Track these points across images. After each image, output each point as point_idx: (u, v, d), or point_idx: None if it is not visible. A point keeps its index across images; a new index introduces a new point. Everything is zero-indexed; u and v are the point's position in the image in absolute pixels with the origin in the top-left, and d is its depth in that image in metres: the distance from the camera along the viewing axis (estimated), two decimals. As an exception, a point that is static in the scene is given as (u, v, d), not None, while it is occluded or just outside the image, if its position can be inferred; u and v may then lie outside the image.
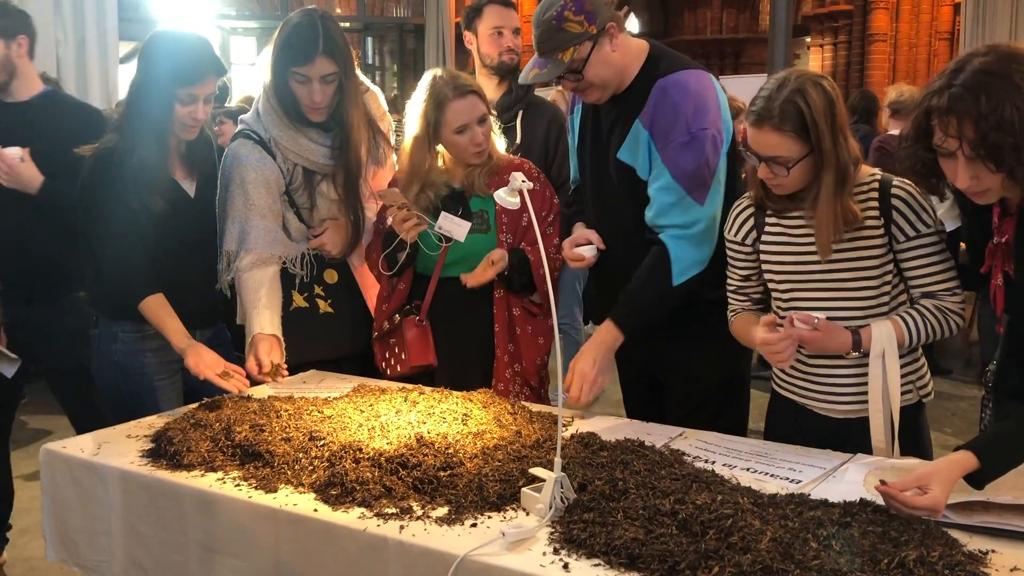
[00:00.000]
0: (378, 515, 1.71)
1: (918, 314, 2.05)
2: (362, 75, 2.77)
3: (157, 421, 2.30)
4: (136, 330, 2.60)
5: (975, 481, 1.67)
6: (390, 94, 11.00)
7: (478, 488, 1.76)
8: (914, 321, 2.04)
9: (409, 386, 2.49)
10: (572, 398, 2.29)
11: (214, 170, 2.72)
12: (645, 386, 2.66)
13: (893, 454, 2.04)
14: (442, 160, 2.70)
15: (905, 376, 2.08)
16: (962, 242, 2.07)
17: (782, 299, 2.18)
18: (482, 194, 2.66)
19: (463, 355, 2.68)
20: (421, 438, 1.96)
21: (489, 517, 1.70)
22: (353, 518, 1.71)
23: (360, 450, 1.91)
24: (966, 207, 1.92)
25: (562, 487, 1.68)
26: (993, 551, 1.51)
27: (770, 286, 2.22)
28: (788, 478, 1.87)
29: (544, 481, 1.68)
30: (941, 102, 1.65)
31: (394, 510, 1.72)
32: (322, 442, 1.99)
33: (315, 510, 1.75)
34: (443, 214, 2.61)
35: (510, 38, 3.25)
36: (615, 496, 1.67)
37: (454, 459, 1.87)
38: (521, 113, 3.20)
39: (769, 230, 2.17)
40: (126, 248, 2.50)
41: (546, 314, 2.68)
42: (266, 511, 1.79)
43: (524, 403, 2.36)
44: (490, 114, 2.66)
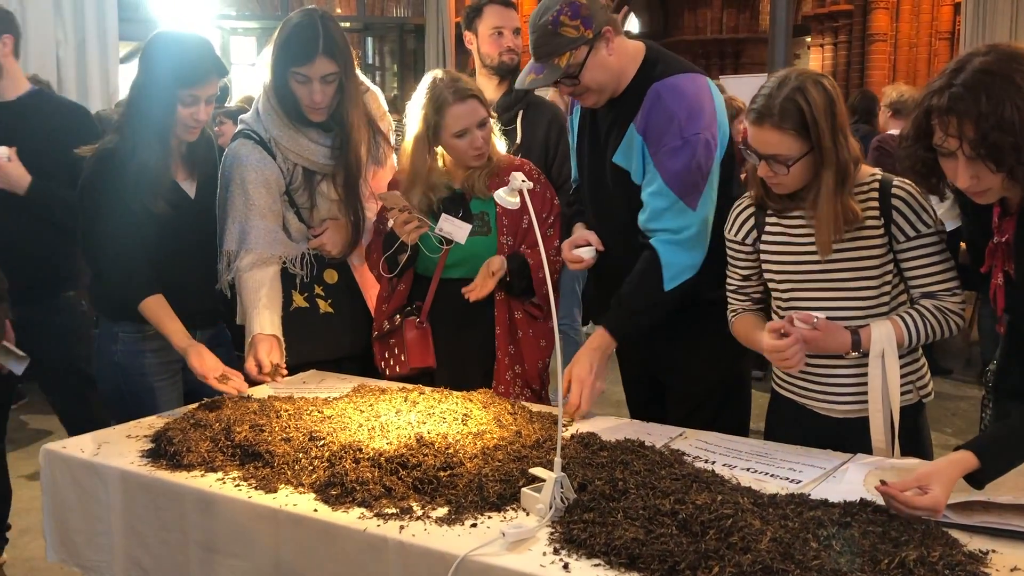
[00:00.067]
0: (378, 515, 1.71)
1: (918, 314, 2.05)
2: (362, 75, 2.76)
3: (157, 421, 2.30)
4: (136, 330, 2.59)
5: (975, 481, 1.67)
6: (390, 94, 11.00)
7: (478, 488, 1.76)
8: (914, 321, 2.04)
9: (409, 386, 2.49)
10: (572, 404, 2.28)
11: (215, 171, 2.72)
12: (646, 386, 2.66)
13: (893, 454, 2.04)
14: (442, 161, 2.70)
15: (905, 376, 2.08)
16: (962, 242, 2.07)
17: (782, 299, 2.18)
18: (482, 196, 2.65)
19: (463, 357, 2.68)
20: (421, 438, 1.95)
21: (489, 517, 1.70)
22: (353, 518, 1.71)
23: (360, 450, 1.91)
24: (966, 207, 1.92)
25: (562, 487, 1.68)
26: (993, 551, 1.51)
27: (770, 286, 2.22)
28: (788, 478, 1.87)
29: (544, 481, 1.68)
30: (941, 102, 1.65)
31: (394, 510, 1.72)
32: (322, 442, 1.98)
33: (315, 510, 1.75)
34: (444, 216, 2.61)
35: (510, 38, 3.25)
36: (615, 496, 1.67)
37: (454, 459, 1.86)
38: (521, 113, 3.20)
39: (769, 230, 2.17)
40: (126, 249, 2.49)
41: (547, 316, 2.68)
42: (266, 511, 1.79)
43: (524, 403, 2.35)
44: (490, 117, 2.66)
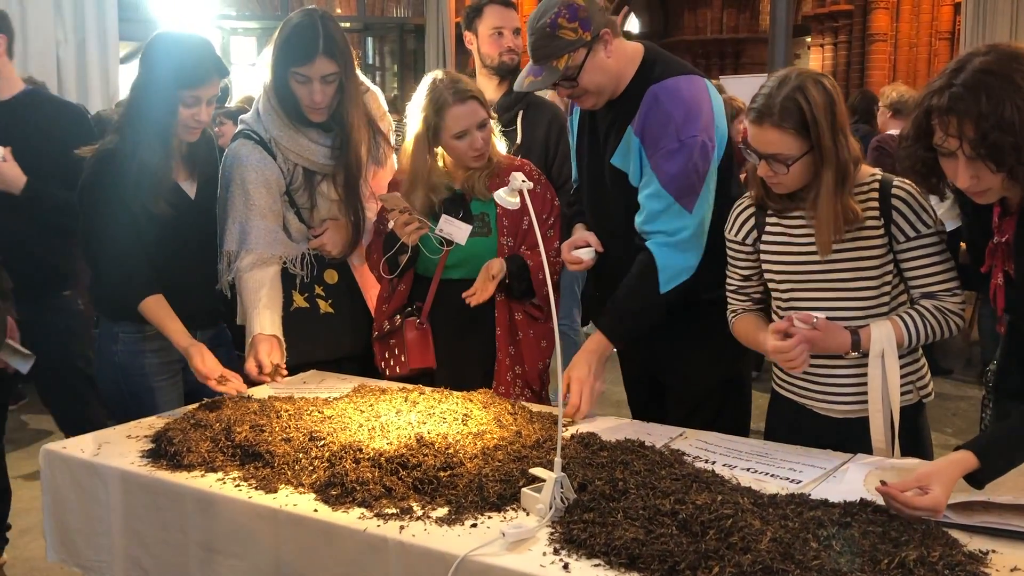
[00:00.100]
0: (378, 515, 1.71)
1: (918, 315, 2.04)
2: (362, 75, 2.76)
3: (157, 421, 2.30)
4: (137, 331, 2.59)
5: (975, 481, 1.67)
6: (390, 94, 11.01)
7: (478, 488, 1.76)
8: (914, 321, 2.04)
9: (409, 386, 2.49)
10: (572, 405, 2.28)
11: (215, 171, 2.72)
12: (646, 386, 2.66)
13: (893, 454, 2.04)
14: (442, 162, 2.70)
15: (905, 376, 2.08)
16: (962, 242, 2.07)
17: (782, 299, 2.18)
18: (483, 197, 2.65)
19: (463, 357, 2.68)
20: (421, 438, 1.95)
21: (489, 517, 1.70)
22: (353, 518, 1.71)
23: (360, 450, 1.91)
24: (966, 207, 1.92)
25: (562, 487, 1.68)
26: (993, 551, 1.51)
27: (770, 286, 2.21)
28: (788, 478, 1.87)
29: (544, 481, 1.68)
30: (941, 101, 1.65)
31: (394, 510, 1.72)
32: (322, 442, 1.98)
33: (315, 510, 1.75)
34: (444, 217, 2.61)
35: (510, 38, 3.25)
36: (615, 496, 1.67)
37: (454, 459, 1.86)
38: (521, 113, 3.20)
39: (770, 230, 2.17)
40: (126, 249, 2.49)
41: (547, 317, 2.68)
42: (266, 511, 1.79)
43: (524, 403, 2.35)
44: (490, 118, 2.66)
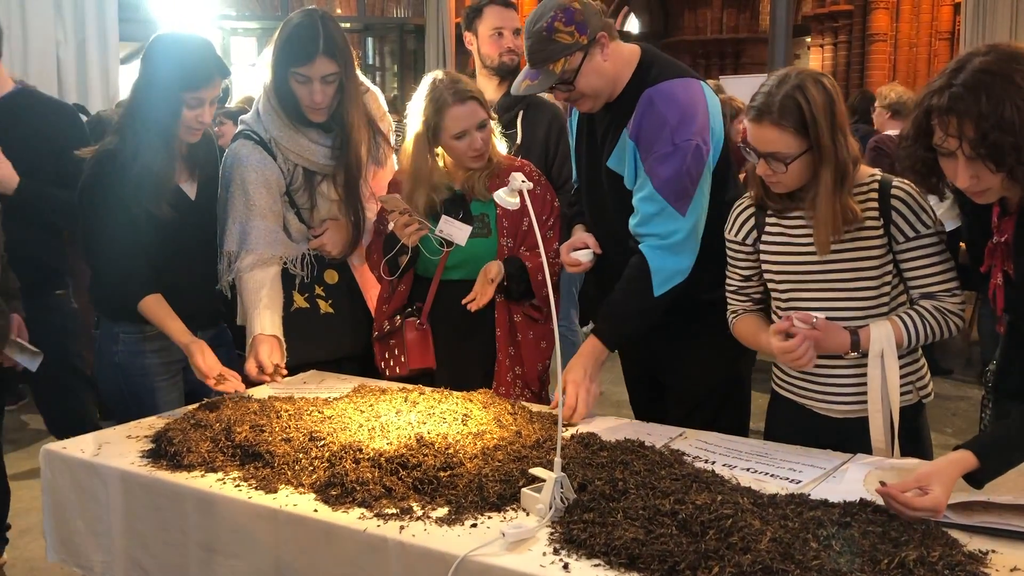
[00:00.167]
0: (378, 515, 1.71)
1: (917, 315, 2.04)
2: (362, 75, 2.76)
3: (157, 422, 2.30)
4: (137, 331, 2.60)
5: (974, 480, 1.67)
6: (390, 94, 11.01)
7: (478, 488, 1.76)
8: (913, 322, 2.04)
9: (409, 386, 2.49)
10: (568, 406, 2.27)
11: (216, 171, 2.72)
12: (647, 386, 2.67)
13: (893, 454, 2.04)
14: (443, 161, 2.70)
15: (905, 377, 2.08)
16: (962, 242, 2.07)
17: (781, 299, 2.18)
18: (483, 198, 2.65)
19: (463, 358, 2.68)
20: (421, 438, 1.95)
21: (489, 517, 1.70)
22: (353, 518, 1.71)
23: (360, 450, 1.91)
24: (966, 206, 1.92)
25: (562, 487, 1.68)
26: (993, 551, 1.51)
27: (770, 286, 2.21)
28: (788, 478, 1.87)
29: (544, 481, 1.68)
30: (941, 101, 1.65)
31: (394, 510, 1.72)
32: (322, 442, 1.99)
33: (315, 510, 1.75)
34: (444, 218, 2.61)
35: (510, 39, 3.25)
36: (615, 496, 1.67)
37: (454, 459, 1.86)
38: (521, 113, 3.19)
39: (769, 230, 2.17)
40: (125, 250, 2.49)
41: (547, 318, 2.68)
42: (266, 511, 1.79)
43: (524, 403, 2.35)
44: (491, 118, 2.66)
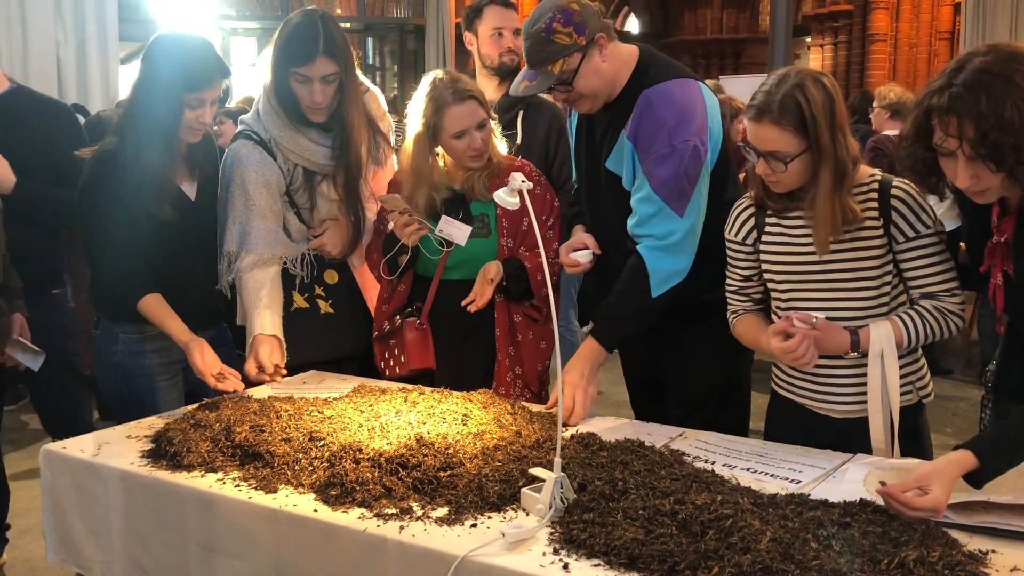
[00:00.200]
0: (378, 515, 1.71)
1: (917, 315, 2.04)
2: (362, 75, 2.76)
3: (157, 422, 2.30)
4: (137, 331, 2.59)
5: (974, 480, 1.67)
6: (390, 94, 11.02)
7: (478, 488, 1.76)
8: (913, 322, 2.04)
9: (409, 386, 2.49)
10: (566, 407, 2.27)
11: (215, 171, 2.72)
12: (647, 386, 2.67)
13: (893, 454, 2.04)
14: (443, 161, 2.70)
15: (905, 377, 2.08)
16: (962, 242, 2.07)
17: (781, 299, 2.18)
18: (483, 198, 2.65)
19: (463, 358, 2.68)
20: (421, 438, 1.95)
21: (489, 517, 1.70)
22: (353, 518, 1.71)
23: (360, 450, 1.91)
24: (965, 206, 1.92)
25: (562, 487, 1.68)
26: (993, 551, 1.51)
27: (769, 286, 2.21)
28: (788, 478, 1.87)
29: (544, 481, 1.68)
30: (941, 101, 1.65)
31: (394, 510, 1.72)
32: (322, 442, 1.99)
33: (315, 510, 1.75)
34: (444, 218, 2.61)
35: (510, 39, 3.24)
36: (615, 496, 1.67)
37: (454, 459, 1.86)
38: (521, 113, 3.19)
39: (769, 230, 2.17)
40: (124, 251, 2.49)
41: (547, 319, 2.68)
42: (266, 511, 1.79)
43: (524, 403, 2.35)
44: (491, 118, 2.65)
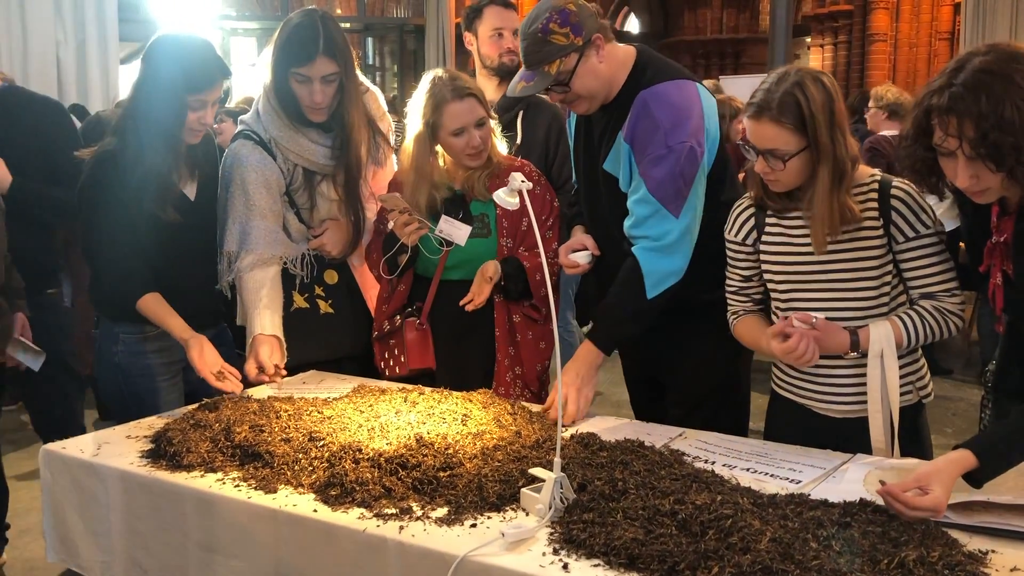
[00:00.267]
0: (378, 515, 1.71)
1: (917, 315, 2.04)
2: (362, 75, 2.76)
3: (157, 422, 2.30)
4: (137, 331, 2.59)
5: (973, 480, 1.67)
6: (390, 94, 11.01)
7: (478, 488, 1.76)
8: (913, 322, 2.04)
9: (409, 386, 2.49)
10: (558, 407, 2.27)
11: (215, 171, 2.71)
12: (647, 386, 2.67)
13: (893, 454, 2.04)
14: (443, 161, 2.69)
15: (904, 377, 2.08)
16: (962, 242, 2.07)
17: (781, 299, 2.18)
18: (482, 198, 2.65)
19: (463, 358, 2.68)
20: (421, 438, 1.95)
21: (489, 517, 1.70)
22: (353, 518, 1.71)
23: (360, 451, 1.91)
24: (965, 206, 1.92)
25: (562, 487, 1.68)
26: (993, 551, 1.51)
27: (769, 286, 2.21)
28: (788, 478, 1.87)
29: (544, 481, 1.68)
30: (941, 101, 1.65)
31: (394, 510, 1.72)
32: (322, 442, 1.98)
33: (315, 510, 1.75)
34: (444, 218, 2.61)
35: (510, 39, 3.24)
36: (615, 496, 1.67)
37: (454, 459, 1.86)
38: (521, 114, 3.19)
39: (769, 230, 2.17)
40: (124, 251, 2.48)
41: (546, 319, 2.68)
42: (266, 511, 1.79)
43: (524, 403, 2.35)
44: (490, 117, 2.65)
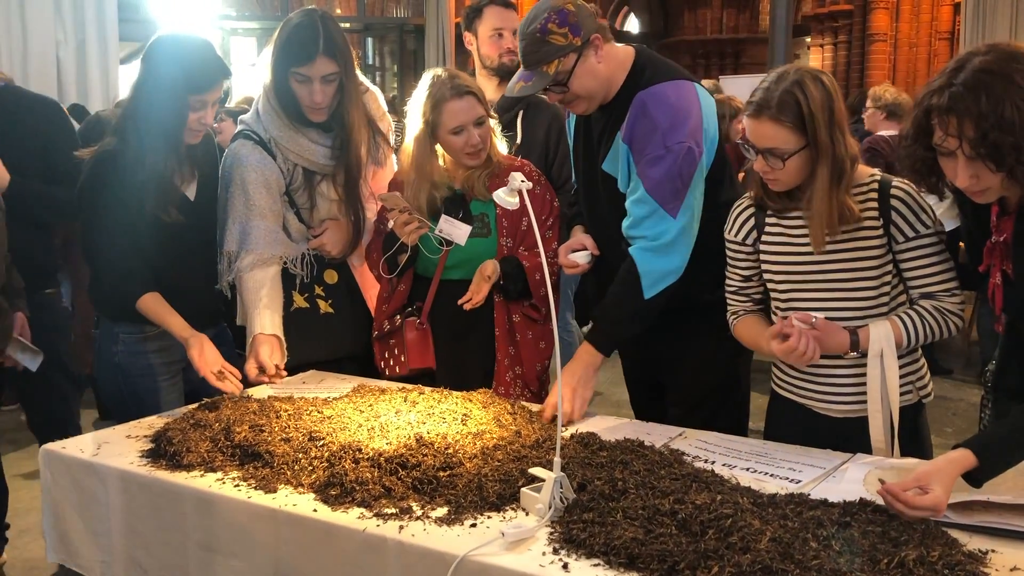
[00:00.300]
0: (378, 515, 1.71)
1: (917, 315, 2.04)
2: (362, 75, 2.76)
3: (157, 421, 2.30)
4: (137, 331, 2.59)
5: (973, 479, 1.67)
6: (390, 94, 11.01)
7: (478, 488, 1.76)
8: (912, 322, 2.04)
9: (409, 386, 2.49)
10: (555, 408, 2.27)
11: (215, 170, 2.71)
12: (647, 386, 2.67)
13: (893, 454, 2.04)
14: (443, 160, 2.69)
15: (904, 376, 2.08)
16: (962, 242, 2.07)
17: (781, 299, 2.18)
18: (482, 197, 2.65)
19: (463, 358, 2.68)
20: (420, 438, 1.95)
21: (489, 517, 1.70)
22: (353, 518, 1.71)
23: (360, 450, 1.91)
24: (965, 206, 1.92)
25: (561, 487, 1.68)
26: (993, 551, 1.51)
27: (769, 286, 2.21)
28: (788, 478, 1.87)
29: (544, 481, 1.68)
30: (941, 101, 1.65)
31: (394, 510, 1.72)
32: (322, 442, 1.99)
33: (315, 510, 1.75)
34: (444, 217, 2.61)
35: (510, 39, 3.24)
36: (615, 496, 1.67)
37: (454, 459, 1.86)
38: (521, 113, 3.19)
39: (769, 230, 2.17)
40: (124, 251, 2.48)
41: (546, 319, 2.68)
42: (266, 511, 1.79)
43: (524, 403, 2.35)
44: (490, 117, 2.65)
